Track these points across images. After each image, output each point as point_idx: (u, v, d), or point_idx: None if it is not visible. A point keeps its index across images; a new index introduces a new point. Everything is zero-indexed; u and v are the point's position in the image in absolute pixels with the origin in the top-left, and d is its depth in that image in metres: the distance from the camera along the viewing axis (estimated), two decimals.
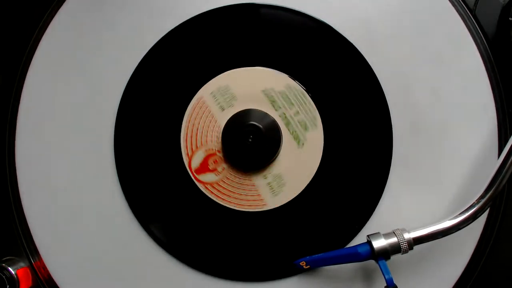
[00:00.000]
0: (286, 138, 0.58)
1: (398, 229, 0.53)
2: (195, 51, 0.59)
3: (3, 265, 0.57)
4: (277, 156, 0.57)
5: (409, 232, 0.53)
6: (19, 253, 0.58)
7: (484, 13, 0.58)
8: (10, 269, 0.57)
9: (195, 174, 0.58)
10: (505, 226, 0.56)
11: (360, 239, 0.56)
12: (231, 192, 0.58)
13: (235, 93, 0.58)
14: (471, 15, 0.59)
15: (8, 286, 0.56)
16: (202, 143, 0.59)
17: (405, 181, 0.57)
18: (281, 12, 0.59)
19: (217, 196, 0.58)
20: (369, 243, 0.53)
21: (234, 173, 0.58)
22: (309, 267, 0.55)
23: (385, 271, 0.51)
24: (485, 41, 0.58)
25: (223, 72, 0.58)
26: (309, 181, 0.57)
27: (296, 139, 0.58)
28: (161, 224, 0.58)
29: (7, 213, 0.59)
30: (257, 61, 0.58)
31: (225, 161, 0.58)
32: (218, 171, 0.58)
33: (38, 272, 0.58)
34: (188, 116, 0.58)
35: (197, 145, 0.59)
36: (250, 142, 0.56)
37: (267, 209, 0.57)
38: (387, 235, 0.53)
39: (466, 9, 0.59)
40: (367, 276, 0.56)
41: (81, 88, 0.59)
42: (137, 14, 0.60)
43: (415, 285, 0.56)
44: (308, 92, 0.58)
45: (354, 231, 0.56)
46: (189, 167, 0.58)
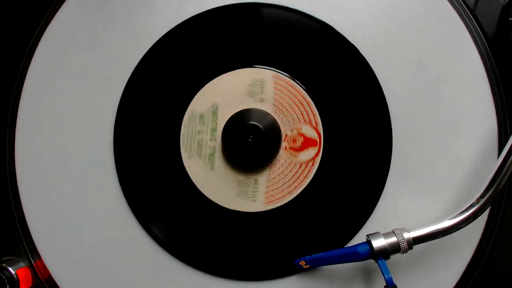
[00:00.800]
0: None
1: (397, 228, 0.53)
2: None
3: (3, 265, 0.57)
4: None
5: (408, 231, 0.53)
6: (19, 253, 0.58)
7: (484, 13, 0.59)
8: (10, 269, 0.57)
9: None
10: (505, 226, 0.56)
11: (359, 238, 0.56)
12: None
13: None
14: (471, 15, 0.59)
15: (8, 286, 0.56)
16: None
17: (405, 181, 0.57)
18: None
19: None
20: (368, 242, 0.53)
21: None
22: (308, 266, 0.55)
23: (384, 271, 0.51)
24: (485, 41, 0.58)
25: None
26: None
27: None
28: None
29: (7, 213, 0.59)
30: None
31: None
32: None
33: (38, 272, 0.58)
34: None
35: None
36: (250, 142, 0.56)
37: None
38: (386, 235, 0.53)
39: (466, 9, 0.59)
40: (367, 276, 0.56)
41: (81, 88, 0.59)
42: (137, 14, 0.60)
43: (415, 285, 0.56)
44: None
45: (353, 231, 0.56)
46: None
